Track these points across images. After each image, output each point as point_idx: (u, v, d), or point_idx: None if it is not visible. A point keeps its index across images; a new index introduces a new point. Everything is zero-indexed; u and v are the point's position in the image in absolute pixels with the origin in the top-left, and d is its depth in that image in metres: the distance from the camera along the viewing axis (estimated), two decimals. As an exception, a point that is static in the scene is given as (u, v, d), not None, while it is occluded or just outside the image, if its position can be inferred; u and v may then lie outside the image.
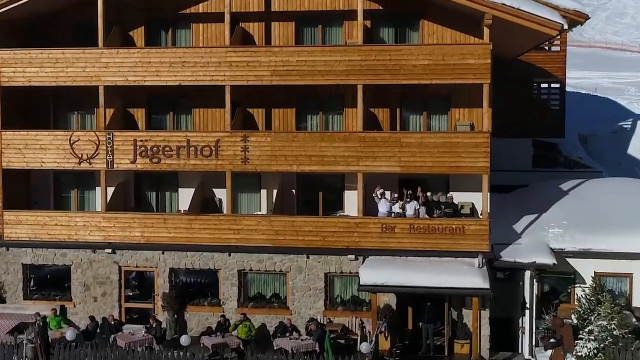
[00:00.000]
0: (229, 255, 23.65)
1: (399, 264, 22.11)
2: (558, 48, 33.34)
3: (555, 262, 22.01)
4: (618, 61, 72.63)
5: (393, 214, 22.73)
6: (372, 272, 21.72)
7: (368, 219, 22.79)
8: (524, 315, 22.52)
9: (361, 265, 22.59)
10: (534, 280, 22.29)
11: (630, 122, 43.85)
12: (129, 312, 24.36)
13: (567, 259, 22.95)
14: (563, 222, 23.99)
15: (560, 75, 34.34)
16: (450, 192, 23.37)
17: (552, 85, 34.44)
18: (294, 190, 24.72)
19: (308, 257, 23.35)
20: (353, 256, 23.00)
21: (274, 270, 23.60)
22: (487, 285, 20.91)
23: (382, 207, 22.97)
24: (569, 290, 23.47)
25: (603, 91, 52.73)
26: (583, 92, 50.03)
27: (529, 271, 22.20)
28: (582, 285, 22.89)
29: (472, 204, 23.77)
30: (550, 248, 22.85)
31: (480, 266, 21.67)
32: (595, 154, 40.74)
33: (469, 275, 21.13)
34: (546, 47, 33.03)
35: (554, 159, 34.85)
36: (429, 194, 23.09)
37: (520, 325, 22.64)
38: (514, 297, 22.89)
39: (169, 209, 25.25)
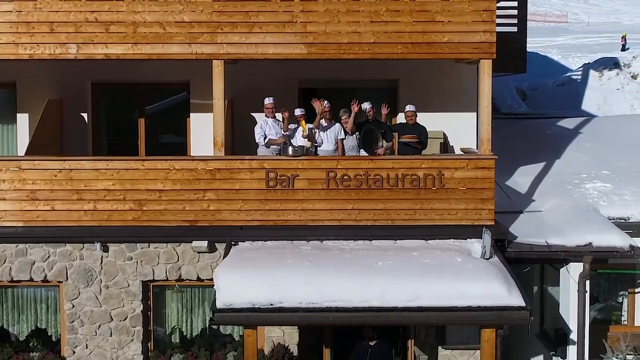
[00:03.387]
0: None
1: (306, 257, 9.91)
2: None
3: (633, 245, 10.52)
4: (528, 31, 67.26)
5: (292, 150, 10.49)
6: (244, 279, 9.33)
7: (237, 161, 10.49)
8: (563, 356, 10.96)
9: (221, 260, 10.19)
10: (586, 282, 10.71)
11: (580, 73, 34.48)
12: None
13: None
14: (603, 171, 13.15)
15: (516, -23, 23.12)
16: (407, 109, 11.43)
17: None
18: (85, 115, 12.14)
19: (105, 249, 10.74)
20: (204, 243, 10.55)
21: (31, 279, 10.81)
22: (518, 300, 8.95)
23: (269, 135, 10.77)
24: (621, 299, 12.32)
25: (523, 53, 45.00)
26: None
27: (580, 264, 10.58)
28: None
29: (444, 134, 12.18)
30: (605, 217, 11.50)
31: (487, 255, 9.85)
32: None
33: (475, 279, 9.13)
34: None
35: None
36: (367, 106, 11.00)
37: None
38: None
39: None
